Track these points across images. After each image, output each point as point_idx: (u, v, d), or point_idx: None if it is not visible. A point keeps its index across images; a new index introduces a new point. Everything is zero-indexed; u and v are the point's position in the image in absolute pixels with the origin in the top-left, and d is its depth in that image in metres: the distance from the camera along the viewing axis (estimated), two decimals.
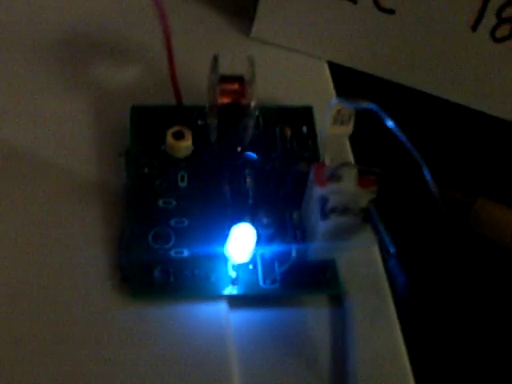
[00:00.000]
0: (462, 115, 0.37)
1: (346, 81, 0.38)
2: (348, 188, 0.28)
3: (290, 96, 0.36)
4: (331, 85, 0.38)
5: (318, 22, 0.37)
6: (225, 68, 0.31)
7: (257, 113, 0.32)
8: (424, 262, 0.28)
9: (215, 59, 0.31)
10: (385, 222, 0.27)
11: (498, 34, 0.35)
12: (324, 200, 0.28)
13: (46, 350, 0.28)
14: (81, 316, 0.28)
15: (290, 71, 0.38)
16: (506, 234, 0.30)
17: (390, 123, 0.28)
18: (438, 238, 0.29)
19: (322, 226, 0.28)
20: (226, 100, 0.31)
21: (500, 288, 0.31)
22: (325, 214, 0.28)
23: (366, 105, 0.29)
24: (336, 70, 0.38)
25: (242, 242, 0.28)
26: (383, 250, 0.28)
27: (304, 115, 0.34)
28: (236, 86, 0.31)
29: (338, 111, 0.31)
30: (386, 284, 0.30)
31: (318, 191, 0.28)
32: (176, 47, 0.33)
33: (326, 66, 0.38)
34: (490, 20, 0.35)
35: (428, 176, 0.28)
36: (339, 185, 0.28)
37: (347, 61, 0.38)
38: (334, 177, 0.28)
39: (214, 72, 0.31)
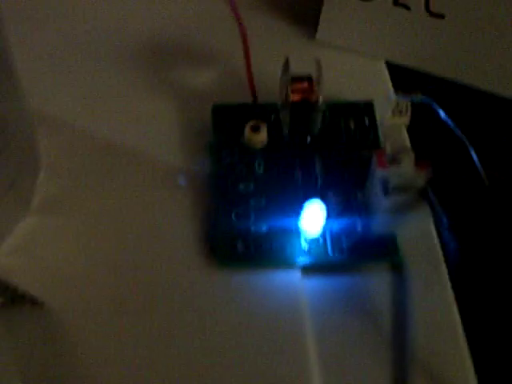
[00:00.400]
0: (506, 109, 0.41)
1: (403, 78, 0.41)
2: (406, 170, 0.32)
3: (353, 92, 0.39)
4: (389, 82, 0.41)
5: (376, 26, 0.41)
6: (293, 69, 0.35)
7: (324, 108, 0.36)
8: (474, 232, 0.31)
9: (287, 61, 0.35)
10: (439, 199, 0.31)
11: None
12: (386, 181, 0.32)
13: (144, 313, 0.32)
14: (175, 283, 0.33)
15: (352, 71, 0.41)
16: None
17: (441, 113, 0.31)
18: (485, 211, 0.32)
19: (385, 202, 0.32)
20: (296, 97, 0.35)
21: None
22: (386, 192, 0.32)
23: (421, 98, 0.33)
24: (393, 68, 0.42)
25: (313, 217, 0.32)
26: (437, 224, 0.31)
27: (365, 109, 0.38)
28: (305, 85, 0.35)
29: (397, 104, 0.35)
30: (440, 254, 0.34)
31: (380, 173, 0.32)
32: (251, 51, 0.37)
33: (384, 65, 0.42)
34: None
35: (475, 157, 0.31)
36: (399, 167, 0.32)
37: (403, 60, 0.41)
38: (394, 161, 0.32)
39: (285, 73, 0.35)
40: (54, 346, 0.31)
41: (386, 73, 0.42)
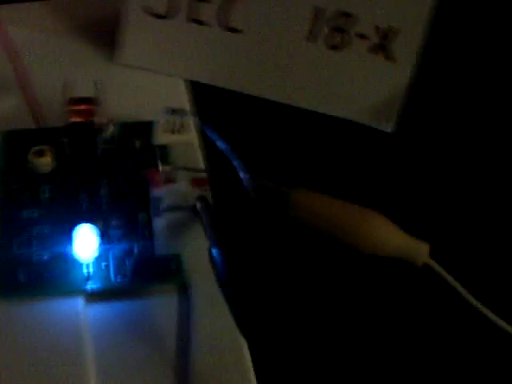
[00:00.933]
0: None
1: (207, 97, 0.41)
2: (181, 188, 0.32)
3: (150, 112, 0.38)
4: (186, 100, 0.41)
5: (173, 44, 0.41)
6: (86, 90, 0.35)
7: (112, 128, 0.36)
8: (245, 247, 0.31)
9: (64, 84, 0.34)
10: (211, 216, 0.31)
11: (331, 42, 0.39)
12: (157, 200, 0.32)
13: None
14: None
15: (149, 90, 0.41)
16: (324, 219, 0.33)
17: (207, 131, 0.31)
18: (255, 226, 0.32)
19: (156, 223, 0.31)
20: (75, 119, 0.34)
21: (313, 270, 0.34)
22: (157, 213, 0.31)
23: (183, 115, 0.33)
24: (199, 88, 0.42)
25: (85, 241, 0.32)
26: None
27: (152, 126, 0.37)
28: (83, 107, 0.34)
29: (167, 121, 0.35)
30: None
31: (153, 192, 0.32)
32: (39, 74, 0.36)
33: (182, 83, 0.42)
34: (321, 31, 0.38)
35: (243, 174, 0.31)
36: (173, 186, 0.32)
37: (203, 78, 0.42)
38: (169, 179, 0.32)
39: (67, 96, 0.34)
40: None
41: (184, 91, 0.42)
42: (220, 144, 0.31)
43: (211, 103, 0.41)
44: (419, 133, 0.41)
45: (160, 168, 0.33)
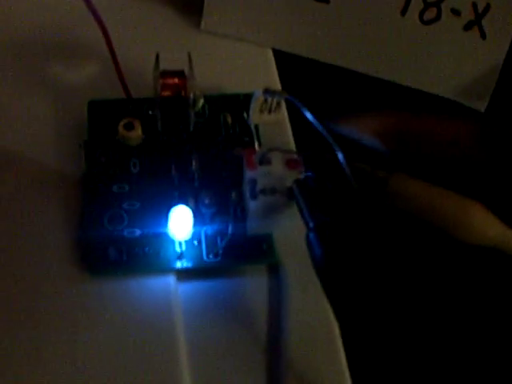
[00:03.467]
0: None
1: (292, 67, 0.40)
2: (276, 170, 0.31)
3: (237, 84, 0.38)
4: (275, 71, 0.40)
5: (262, 12, 0.40)
6: (173, 61, 0.34)
7: (202, 102, 0.35)
8: (342, 234, 0.30)
9: (157, 57, 0.34)
10: (307, 199, 0.30)
11: (426, 17, 0.37)
12: (253, 182, 0.31)
13: (13, 325, 0.31)
14: (45, 293, 0.32)
15: (236, 60, 0.40)
16: (421, 206, 0.32)
17: (307, 114, 0.30)
18: (354, 213, 0.32)
19: (252, 205, 0.31)
20: (167, 93, 0.34)
21: (414, 257, 0.33)
22: (254, 194, 0.31)
23: (285, 96, 0.32)
24: (282, 58, 0.41)
25: (180, 222, 0.31)
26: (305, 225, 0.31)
27: (245, 102, 0.36)
28: (176, 80, 0.34)
29: (265, 101, 0.34)
30: None
31: (248, 174, 0.31)
32: (128, 44, 0.36)
33: (271, 54, 0.41)
34: (417, 4, 0.37)
35: (341, 157, 0.30)
36: (268, 168, 0.31)
37: (290, 47, 0.40)
38: (264, 160, 0.31)
39: (155, 68, 0.34)
40: None
41: (273, 61, 0.41)
42: (318, 125, 0.30)
43: (297, 77, 0.40)
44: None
45: (257, 148, 0.32)
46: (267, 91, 0.33)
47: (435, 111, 0.39)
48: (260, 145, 0.34)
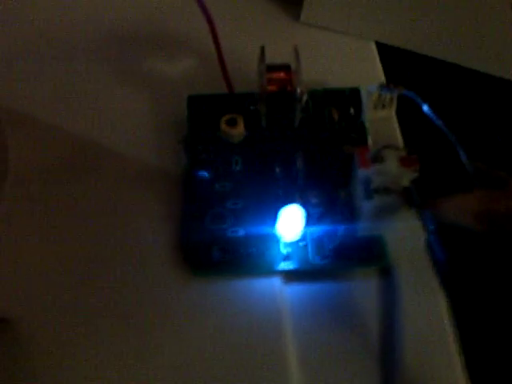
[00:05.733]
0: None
1: (395, 61, 0.39)
2: (391, 168, 0.30)
3: (340, 78, 0.37)
4: (379, 65, 0.38)
5: (363, 4, 0.38)
6: (275, 54, 0.32)
7: (306, 97, 0.34)
8: (463, 237, 0.29)
9: (262, 50, 0.32)
10: (424, 200, 0.29)
11: None
12: (368, 181, 0.29)
13: (117, 325, 0.30)
14: (148, 293, 0.31)
15: (339, 54, 0.39)
16: None
17: (425, 109, 0.29)
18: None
19: (366, 206, 0.29)
20: (273, 88, 0.32)
21: None
22: (369, 194, 0.29)
23: (403, 92, 0.30)
24: (385, 51, 0.39)
25: (291, 222, 0.30)
26: (424, 227, 0.29)
27: (351, 97, 0.35)
28: (282, 75, 0.32)
29: (379, 96, 0.32)
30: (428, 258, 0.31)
31: (361, 173, 0.30)
32: (228, 37, 0.34)
33: (374, 47, 0.39)
34: None
35: (463, 155, 0.28)
36: (382, 166, 0.30)
37: (393, 40, 0.39)
38: (377, 158, 0.30)
39: (261, 62, 0.32)
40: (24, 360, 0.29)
41: (376, 55, 0.39)
42: (438, 121, 0.29)
43: (399, 71, 0.38)
44: None
45: (370, 145, 0.30)
46: (383, 86, 0.31)
47: None
48: (373, 143, 0.33)
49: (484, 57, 0.38)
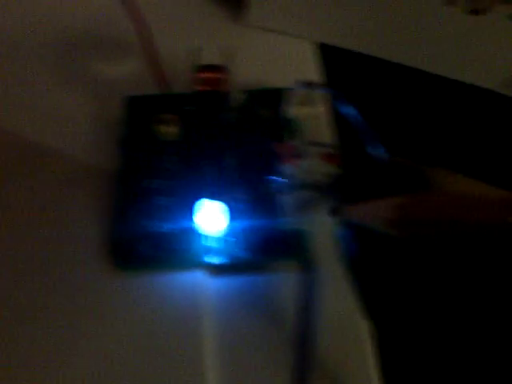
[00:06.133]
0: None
1: (336, 62, 0.39)
2: (312, 164, 0.30)
3: (277, 78, 0.37)
4: (316, 65, 0.39)
5: (307, 6, 0.39)
6: (213, 55, 0.33)
7: (239, 96, 0.35)
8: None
9: (197, 51, 0.33)
10: (344, 194, 0.29)
11: (472, 7, 0.36)
12: (288, 176, 0.30)
13: (41, 318, 0.31)
14: (73, 287, 0.32)
15: (277, 55, 0.40)
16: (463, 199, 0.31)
17: (347, 107, 0.29)
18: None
19: (286, 200, 0.30)
20: (205, 88, 0.33)
21: (448, 255, 0.32)
22: (290, 189, 0.30)
23: (322, 89, 0.31)
24: (327, 52, 0.40)
25: (212, 217, 0.31)
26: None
27: (280, 96, 0.35)
28: (216, 75, 0.33)
29: (303, 94, 0.33)
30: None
31: (284, 168, 0.31)
32: (167, 39, 0.36)
33: (310, 48, 0.40)
34: None
35: (381, 151, 0.29)
36: (304, 162, 0.30)
37: (332, 40, 0.40)
38: (299, 154, 0.31)
39: (194, 62, 0.33)
40: None
41: (316, 56, 0.40)
42: (353, 117, 0.29)
43: (339, 70, 0.39)
44: None
45: (290, 142, 0.31)
46: (304, 84, 0.32)
47: None
48: (297, 139, 0.33)
49: (421, 54, 0.38)
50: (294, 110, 0.34)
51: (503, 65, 0.38)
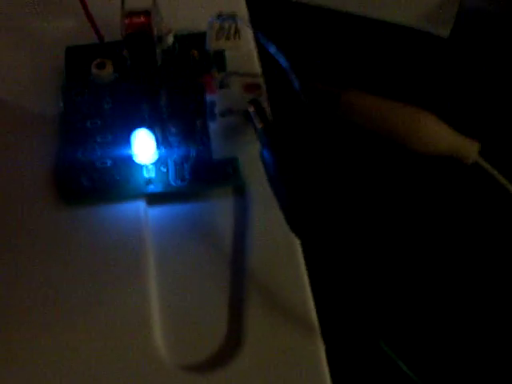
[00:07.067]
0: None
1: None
2: (234, 93, 0.33)
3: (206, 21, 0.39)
4: (242, 7, 0.41)
5: None
6: (141, 2, 0.35)
7: (172, 39, 0.37)
8: (296, 148, 0.32)
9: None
10: (262, 119, 0.32)
11: None
12: (212, 105, 0.33)
13: None
14: (22, 219, 0.34)
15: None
16: (374, 118, 0.33)
17: (261, 38, 0.32)
18: (306, 127, 0.33)
19: (211, 127, 0.33)
20: (131, 31, 0.35)
21: (364, 169, 0.34)
22: (213, 117, 0.32)
23: (236, 20, 0.33)
24: None
25: (143, 145, 0.33)
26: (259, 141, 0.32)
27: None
28: (141, 19, 0.35)
29: (221, 27, 0.35)
30: None
31: (208, 98, 0.33)
32: None
33: None
34: None
35: (293, 77, 0.32)
36: (227, 91, 0.33)
37: None
38: (223, 85, 0.33)
39: (122, 9, 0.35)
40: None
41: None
42: (271, 49, 0.32)
43: (262, 10, 0.41)
44: (473, 37, 0.40)
45: (214, 73, 0.33)
46: (220, 16, 0.34)
47: None
48: (220, 71, 0.36)
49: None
50: (218, 44, 0.36)
51: (419, 2, 0.41)
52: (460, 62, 0.38)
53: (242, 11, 0.41)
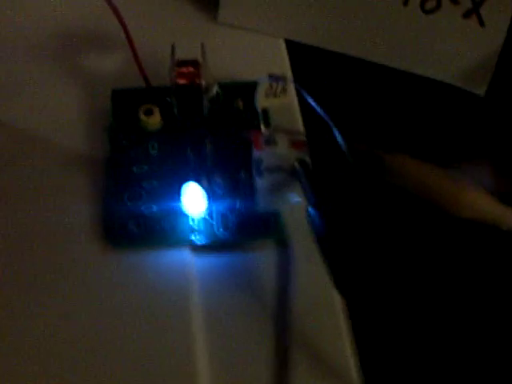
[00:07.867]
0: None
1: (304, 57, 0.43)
2: (281, 150, 0.34)
3: (250, 72, 0.40)
4: (287, 60, 0.43)
5: (276, 4, 0.42)
6: (188, 51, 0.36)
7: (215, 89, 0.38)
8: (342, 209, 0.33)
9: (173, 47, 0.36)
10: (309, 177, 0.33)
11: (427, 6, 0.40)
12: (259, 161, 0.34)
13: (41, 293, 0.34)
14: (69, 265, 0.35)
15: (250, 50, 0.43)
16: (417, 184, 0.34)
17: (305, 95, 0.33)
18: (351, 189, 0.34)
19: (258, 182, 0.34)
20: (182, 81, 0.36)
21: (409, 232, 0.35)
22: (260, 173, 0.33)
23: (287, 81, 0.34)
24: (295, 48, 0.43)
25: (193, 198, 0.34)
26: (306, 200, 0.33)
27: (254, 88, 0.38)
28: (190, 69, 0.36)
29: (270, 86, 0.36)
30: None
31: (255, 154, 0.34)
32: (146, 36, 0.39)
33: (283, 44, 0.44)
34: None
35: (338, 136, 0.33)
36: (274, 148, 0.34)
37: (301, 37, 0.43)
38: (270, 142, 0.34)
39: (171, 58, 0.36)
40: None
41: (285, 51, 0.43)
42: (317, 108, 0.33)
43: (307, 65, 0.42)
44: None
45: (262, 130, 0.34)
46: (271, 76, 0.35)
47: None
48: (267, 128, 0.37)
49: (381, 50, 0.42)
50: (265, 101, 0.37)
51: (456, 58, 0.42)
52: (496, 120, 0.39)
53: (285, 65, 0.42)
